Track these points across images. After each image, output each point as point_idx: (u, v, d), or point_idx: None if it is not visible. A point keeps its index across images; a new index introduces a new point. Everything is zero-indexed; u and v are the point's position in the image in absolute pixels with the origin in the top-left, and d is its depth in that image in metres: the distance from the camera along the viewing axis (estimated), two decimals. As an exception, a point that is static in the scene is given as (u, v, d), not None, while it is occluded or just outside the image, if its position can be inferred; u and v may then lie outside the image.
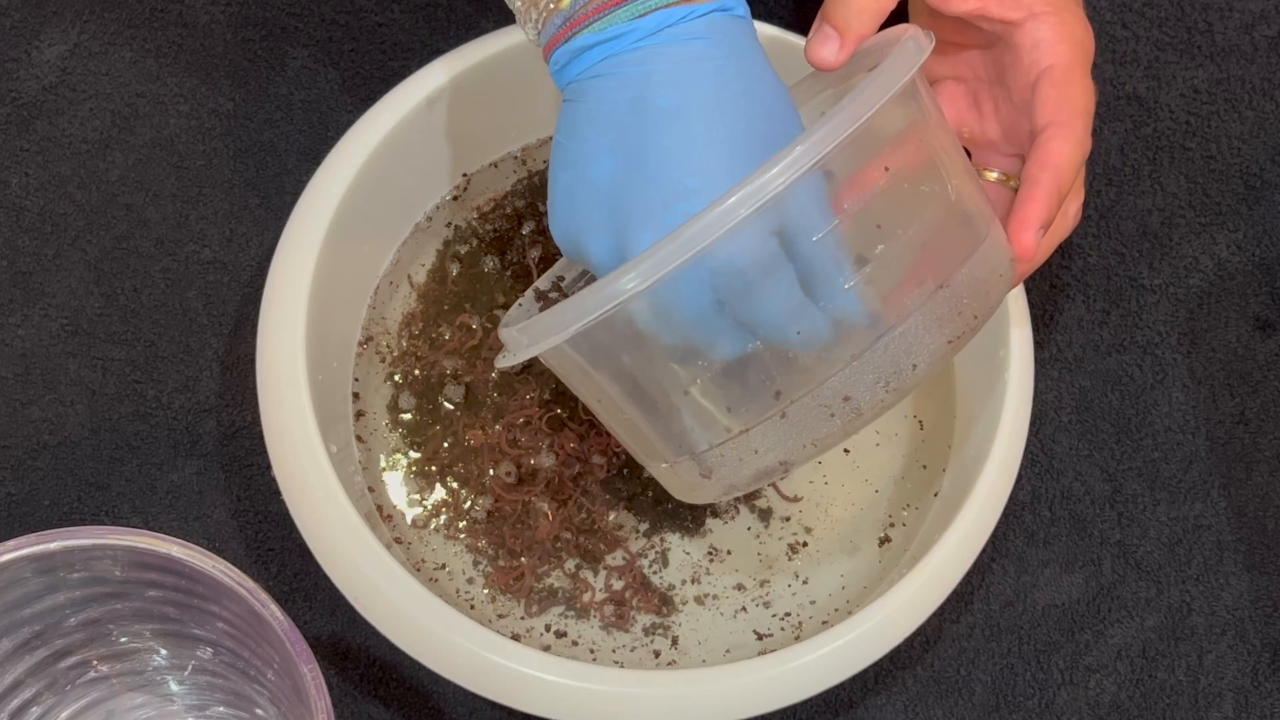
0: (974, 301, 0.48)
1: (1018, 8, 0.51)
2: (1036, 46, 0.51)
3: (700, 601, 0.59)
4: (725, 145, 0.45)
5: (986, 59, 0.54)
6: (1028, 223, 0.49)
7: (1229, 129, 0.69)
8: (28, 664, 0.49)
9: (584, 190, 0.47)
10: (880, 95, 0.44)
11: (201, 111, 0.67)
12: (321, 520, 0.54)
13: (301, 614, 0.60)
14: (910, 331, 0.46)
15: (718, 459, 0.48)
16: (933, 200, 0.48)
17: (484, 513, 0.59)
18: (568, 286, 0.56)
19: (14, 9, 0.68)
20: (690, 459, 0.49)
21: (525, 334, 0.46)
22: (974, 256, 0.48)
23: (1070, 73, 0.50)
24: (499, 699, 0.52)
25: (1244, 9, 0.71)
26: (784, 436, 0.47)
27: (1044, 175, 0.49)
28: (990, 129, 0.54)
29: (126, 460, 0.61)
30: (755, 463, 0.48)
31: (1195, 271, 0.67)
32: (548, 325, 0.45)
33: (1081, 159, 0.50)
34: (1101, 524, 0.63)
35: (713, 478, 0.49)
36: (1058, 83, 0.50)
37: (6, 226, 0.65)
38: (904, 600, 0.53)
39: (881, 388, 0.47)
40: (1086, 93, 0.51)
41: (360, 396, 0.61)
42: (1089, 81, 0.51)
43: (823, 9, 0.50)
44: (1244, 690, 0.60)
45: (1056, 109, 0.50)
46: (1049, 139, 0.50)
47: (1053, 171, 0.49)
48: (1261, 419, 0.64)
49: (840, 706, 0.59)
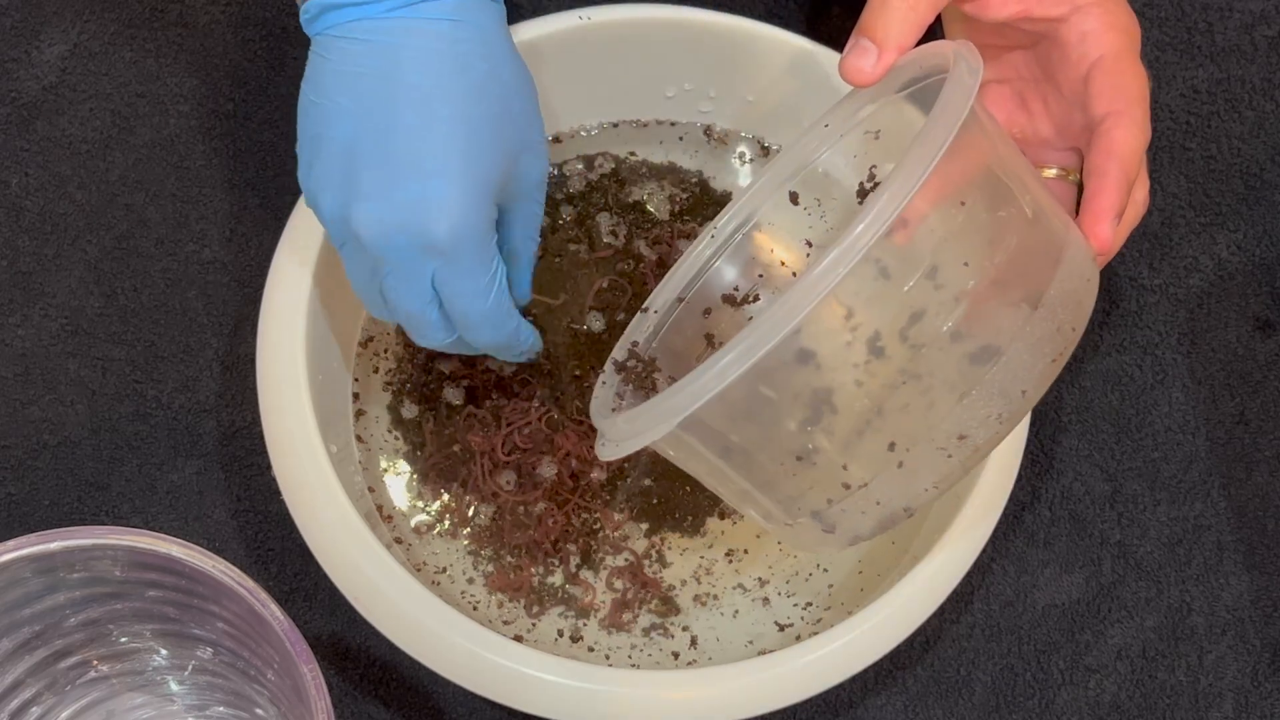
0: (1069, 314, 0.47)
1: (1060, 3, 0.50)
2: (1084, 39, 0.50)
3: (700, 602, 0.59)
4: (465, 129, 0.46)
5: (1029, 58, 0.54)
6: (1102, 214, 0.49)
7: (1229, 129, 0.69)
8: (28, 664, 0.49)
9: (325, 147, 0.48)
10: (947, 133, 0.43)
11: (201, 111, 0.67)
12: (321, 520, 0.54)
13: (301, 614, 0.60)
14: (1013, 360, 0.46)
15: (839, 515, 0.48)
16: (1012, 224, 0.47)
17: (485, 515, 0.59)
18: (644, 350, 0.56)
19: (14, 9, 0.68)
20: (810, 518, 0.48)
21: (632, 424, 0.46)
22: (1060, 269, 0.47)
23: (1121, 60, 0.50)
24: (499, 699, 0.52)
25: (1244, 9, 0.71)
26: (904, 484, 0.47)
27: (1111, 164, 0.49)
28: (1042, 127, 0.54)
29: (126, 460, 0.61)
30: (878, 513, 0.48)
31: (1195, 271, 0.67)
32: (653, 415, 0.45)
33: (1144, 145, 0.50)
34: (1101, 524, 0.63)
35: (836, 532, 0.49)
36: (1111, 71, 0.50)
37: (6, 226, 0.65)
38: (904, 600, 0.53)
39: (994, 420, 0.46)
40: (1141, 79, 0.50)
41: (360, 396, 0.61)
42: (1141, 68, 0.51)
43: (860, 21, 0.50)
44: (1244, 690, 0.60)
45: (1114, 98, 0.50)
46: (1110, 128, 0.50)
47: (1118, 160, 0.49)
48: (1261, 419, 0.64)
49: (840, 706, 0.59)
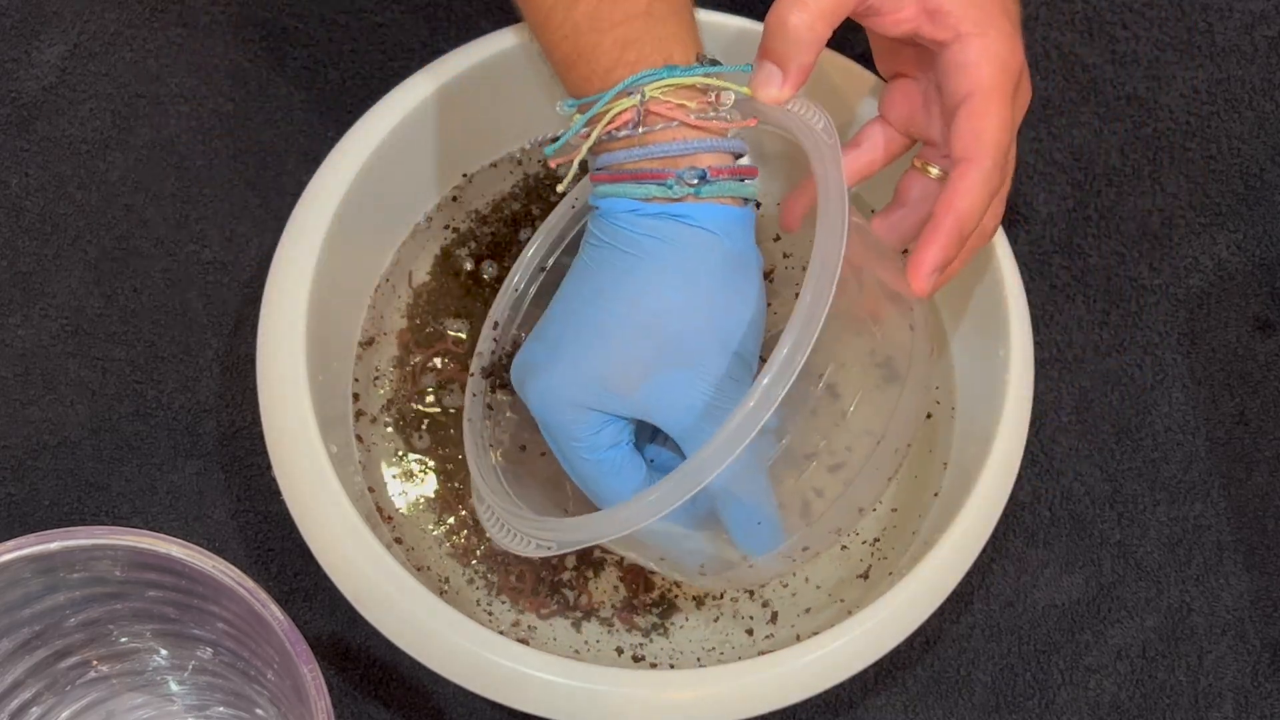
0: (908, 434, 0.51)
1: (945, 29, 0.50)
2: (961, 70, 0.50)
3: (700, 602, 0.59)
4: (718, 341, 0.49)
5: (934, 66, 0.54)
6: (923, 265, 0.49)
7: (1229, 129, 0.69)
8: (28, 664, 0.49)
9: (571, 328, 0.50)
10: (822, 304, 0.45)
11: (201, 111, 0.67)
12: (321, 520, 0.54)
13: (301, 614, 0.60)
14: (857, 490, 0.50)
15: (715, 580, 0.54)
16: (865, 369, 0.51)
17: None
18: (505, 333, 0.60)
19: (14, 9, 0.68)
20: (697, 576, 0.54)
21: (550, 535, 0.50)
22: (904, 397, 0.50)
23: (989, 101, 0.50)
24: (499, 699, 0.52)
25: (1244, 9, 0.71)
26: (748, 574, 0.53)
27: (947, 218, 0.49)
28: (934, 130, 0.54)
29: (126, 460, 0.61)
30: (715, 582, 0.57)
31: (1195, 271, 0.67)
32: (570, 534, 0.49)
33: (988, 195, 0.50)
34: (1101, 524, 0.63)
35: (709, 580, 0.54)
36: (973, 114, 0.50)
37: (6, 226, 0.65)
38: (904, 600, 0.53)
39: (833, 535, 0.52)
40: (1001, 125, 0.50)
41: (360, 396, 0.61)
42: (1007, 109, 0.50)
43: (761, 46, 0.50)
44: (1244, 690, 0.60)
45: (969, 144, 0.49)
46: (958, 178, 0.49)
47: (955, 215, 0.49)
48: (1261, 419, 0.64)
49: (840, 706, 0.59)
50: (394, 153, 0.60)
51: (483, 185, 0.65)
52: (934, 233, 0.49)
